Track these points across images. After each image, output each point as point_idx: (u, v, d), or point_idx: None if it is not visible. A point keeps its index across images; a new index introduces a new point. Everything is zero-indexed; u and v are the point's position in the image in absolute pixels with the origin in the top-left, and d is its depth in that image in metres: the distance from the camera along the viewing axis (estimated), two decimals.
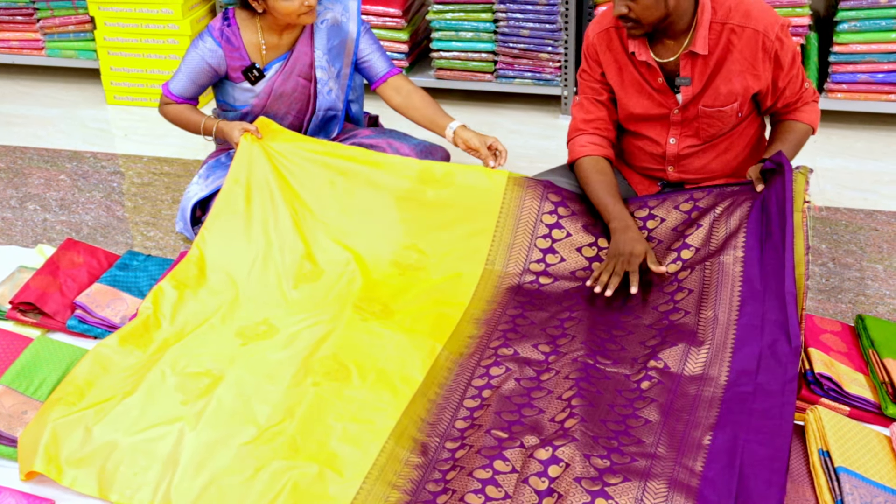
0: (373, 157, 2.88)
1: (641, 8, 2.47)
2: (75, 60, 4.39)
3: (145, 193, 3.55)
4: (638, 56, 2.61)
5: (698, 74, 2.61)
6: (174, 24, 4.10)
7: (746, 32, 2.55)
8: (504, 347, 2.46)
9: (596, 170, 2.71)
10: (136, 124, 4.13)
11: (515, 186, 2.77)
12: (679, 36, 2.59)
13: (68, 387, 2.34)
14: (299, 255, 2.77)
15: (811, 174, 2.53)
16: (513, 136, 3.89)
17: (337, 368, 2.38)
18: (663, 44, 2.61)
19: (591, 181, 2.71)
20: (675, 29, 2.57)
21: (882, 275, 2.93)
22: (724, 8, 2.56)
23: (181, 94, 3.03)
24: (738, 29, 2.55)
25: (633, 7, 2.48)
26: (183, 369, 2.40)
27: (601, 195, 2.68)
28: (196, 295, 2.66)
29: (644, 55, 2.61)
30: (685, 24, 2.56)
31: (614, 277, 2.53)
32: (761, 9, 2.57)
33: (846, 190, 3.40)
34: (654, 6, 2.47)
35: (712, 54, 2.58)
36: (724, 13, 2.56)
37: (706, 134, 2.70)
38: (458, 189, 2.80)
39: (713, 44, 2.57)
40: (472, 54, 3.98)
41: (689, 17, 2.56)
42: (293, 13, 2.85)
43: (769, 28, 2.54)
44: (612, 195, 2.67)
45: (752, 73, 2.59)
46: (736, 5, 2.56)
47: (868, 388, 2.33)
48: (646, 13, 2.48)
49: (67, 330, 2.68)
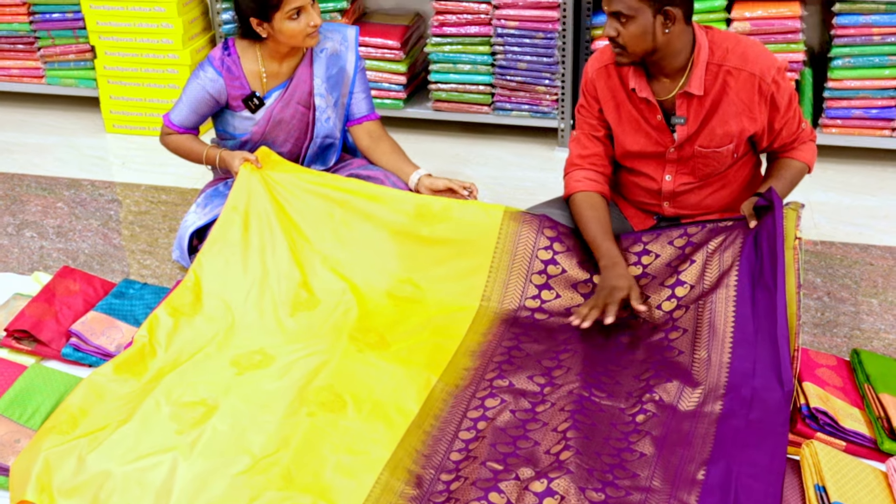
0: (371, 191, 2.89)
1: (629, 35, 2.49)
2: (75, 89, 4.41)
3: (142, 222, 3.56)
4: (638, 92, 2.63)
5: (694, 114, 2.62)
6: (174, 53, 4.13)
7: (743, 75, 2.56)
8: (499, 379, 2.46)
9: (589, 205, 2.72)
10: (134, 153, 4.15)
11: (511, 221, 2.77)
12: (675, 74, 2.60)
13: (62, 415, 2.33)
14: (296, 283, 2.77)
15: (802, 209, 2.54)
16: (510, 168, 3.91)
17: (332, 399, 2.38)
18: (660, 81, 2.63)
19: (583, 217, 2.72)
20: (671, 67, 2.58)
21: (877, 309, 2.94)
22: (721, 49, 2.57)
23: (182, 123, 3.05)
24: (735, 71, 2.56)
25: (621, 32, 2.49)
26: (178, 398, 2.39)
27: (592, 232, 2.69)
28: (191, 322, 2.66)
29: (644, 92, 2.62)
30: (681, 63, 2.58)
31: (593, 311, 2.52)
32: (758, 52, 2.58)
33: (841, 224, 3.42)
34: (640, 37, 2.49)
35: (708, 95, 2.59)
36: (721, 55, 2.57)
37: (702, 172, 2.71)
38: (454, 224, 2.80)
39: (709, 85, 2.59)
40: (469, 86, 4.01)
41: (685, 56, 2.57)
42: (299, 34, 2.87)
43: (766, 71, 2.55)
44: (602, 232, 2.67)
45: (748, 116, 2.60)
46: (733, 47, 2.57)
47: (864, 422, 2.33)
48: (631, 41, 2.50)
49: (62, 358, 2.67)
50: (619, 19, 2.48)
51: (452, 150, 4.06)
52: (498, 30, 3.86)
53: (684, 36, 2.55)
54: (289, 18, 2.84)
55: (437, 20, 3.91)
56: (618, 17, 2.48)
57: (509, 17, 3.83)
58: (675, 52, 2.55)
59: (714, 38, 2.60)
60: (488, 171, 3.89)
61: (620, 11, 2.46)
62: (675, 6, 2.47)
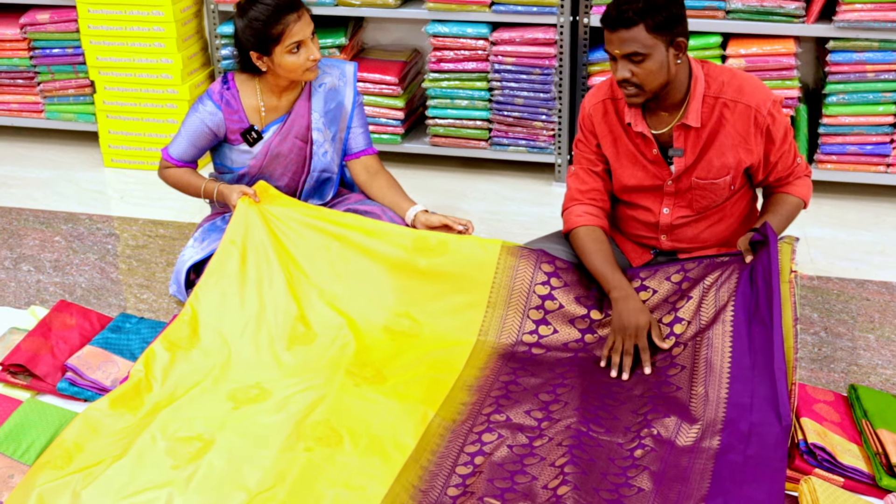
0: (368, 225, 2.89)
1: (645, 73, 2.50)
2: (74, 123, 4.43)
3: (140, 256, 3.56)
4: (634, 127, 2.65)
5: (691, 146, 2.64)
6: (173, 88, 4.15)
7: (739, 107, 2.58)
8: (496, 413, 2.45)
9: (592, 239, 2.73)
10: (132, 187, 4.16)
11: (509, 256, 2.78)
12: (673, 108, 2.63)
13: (57, 450, 2.32)
14: (293, 317, 2.77)
15: (797, 243, 2.55)
16: (507, 203, 3.92)
17: (329, 434, 2.37)
18: (658, 115, 2.65)
19: (587, 251, 2.72)
20: (671, 100, 2.61)
21: (874, 344, 2.93)
22: (718, 82, 2.60)
23: (181, 157, 3.06)
24: (731, 104, 2.59)
25: (636, 72, 2.50)
26: (173, 433, 2.38)
27: (599, 265, 2.69)
28: (188, 356, 2.66)
29: (640, 126, 2.64)
30: (680, 97, 2.60)
31: (626, 357, 2.55)
32: (754, 85, 2.61)
33: (837, 260, 3.42)
34: (656, 72, 2.50)
35: (705, 127, 2.62)
36: (717, 87, 2.60)
37: (699, 205, 2.73)
38: (451, 258, 2.80)
39: (706, 117, 2.61)
40: (467, 122, 4.03)
41: (683, 89, 2.60)
42: (299, 68, 2.90)
43: (761, 104, 2.58)
44: (610, 264, 2.68)
45: (745, 148, 2.62)
46: (729, 80, 2.60)
47: (862, 458, 2.32)
48: (649, 78, 2.51)
49: (57, 392, 2.66)
50: (633, 59, 2.48)
51: (450, 185, 4.08)
52: (495, 66, 3.89)
53: (685, 67, 2.58)
54: (289, 52, 2.87)
55: (434, 56, 3.95)
56: (631, 58, 2.49)
57: (506, 54, 3.86)
58: (681, 83, 2.58)
59: (710, 72, 2.63)
60: (486, 205, 3.91)
61: (636, 51, 2.47)
62: (682, 36, 2.50)
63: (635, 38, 2.46)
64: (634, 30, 2.45)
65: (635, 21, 2.45)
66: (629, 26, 2.45)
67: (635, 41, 2.46)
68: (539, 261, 2.76)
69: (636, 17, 2.45)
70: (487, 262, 2.78)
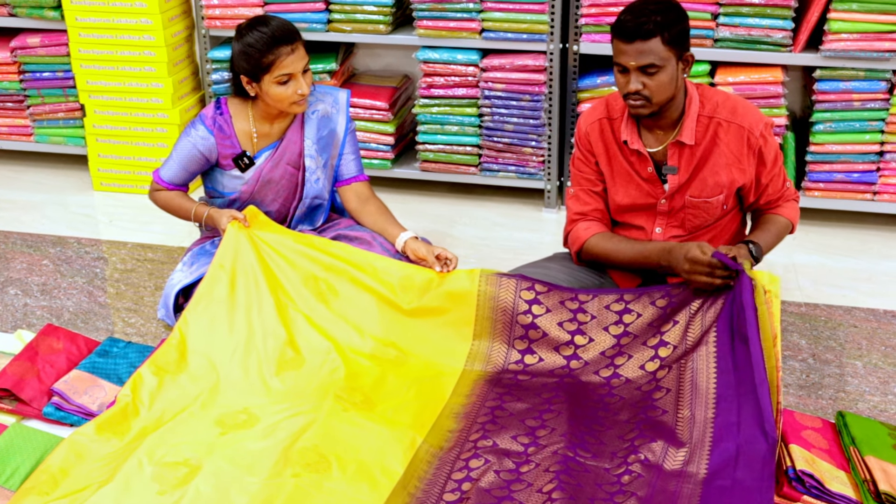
0: (357, 259, 2.88)
1: (656, 85, 2.52)
2: (63, 147, 4.43)
3: (128, 280, 3.55)
4: (630, 144, 2.67)
5: (685, 164, 2.67)
6: (163, 112, 4.16)
7: (733, 127, 2.62)
8: (483, 439, 2.45)
9: (604, 239, 2.75)
10: (121, 211, 4.15)
11: (488, 287, 2.77)
12: (669, 126, 2.66)
13: (42, 476, 2.30)
14: (282, 341, 2.76)
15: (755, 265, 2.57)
16: (497, 229, 3.93)
17: (317, 460, 2.36)
18: (653, 133, 2.68)
19: (609, 251, 2.73)
20: (668, 118, 2.64)
21: (861, 371, 2.94)
22: (712, 103, 2.64)
23: (171, 180, 3.06)
24: (725, 123, 2.63)
25: (648, 84, 2.52)
26: (160, 459, 2.36)
27: (628, 252, 2.70)
28: (176, 380, 2.64)
29: (636, 143, 2.67)
30: (677, 114, 2.64)
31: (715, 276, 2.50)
32: (746, 107, 2.66)
33: (825, 287, 3.44)
34: (668, 84, 2.53)
35: (699, 145, 2.65)
36: (711, 107, 2.64)
37: (691, 224, 2.75)
38: (436, 295, 2.81)
39: (700, 135, 2.64)
40: (457, 147, 4.04)
41: (680, 107, 2.64)
42: (286, 100, 2.91)
43: (754, 125, 2.62)
44: (634, 245, 2.70)
45: (738, 167, 2.65)
46: (723, 101, 2.64)
47: (850, 485, 2.32)
48: (659, 90, 2.53)
49: (43, 417, 2.64)
50: (647, 71, 2.51)
51: (440, 211, 4.08)
52: (485, 92, 3.91)
53: (682, 85, 2.61)
54: (277, 83, 2.88)
55: (424, 82, 3.96)
56: (645, 70, 2.51)
57: (496, 80, 3.88)
58: (678, 101, 2.62)
59: (704, 92, 2.67)
60: (476, 231, 3.91)
61: (652, 63, 2.49)
62: (689, 51, 2.55)
63: (652, 50, 2.48)
64: (652, 41, 2.48)
65: (654, 33, 2.47)
66: (647, 38, 2.48)
67: (652, 53, 2.48)
68: (518, 288, 2.76)
69: (655, 28, 2.47)
70: (469, 295, 2.78)
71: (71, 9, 4.09)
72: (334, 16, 3.98)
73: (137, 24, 4.05)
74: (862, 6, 3.52)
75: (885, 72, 3.60)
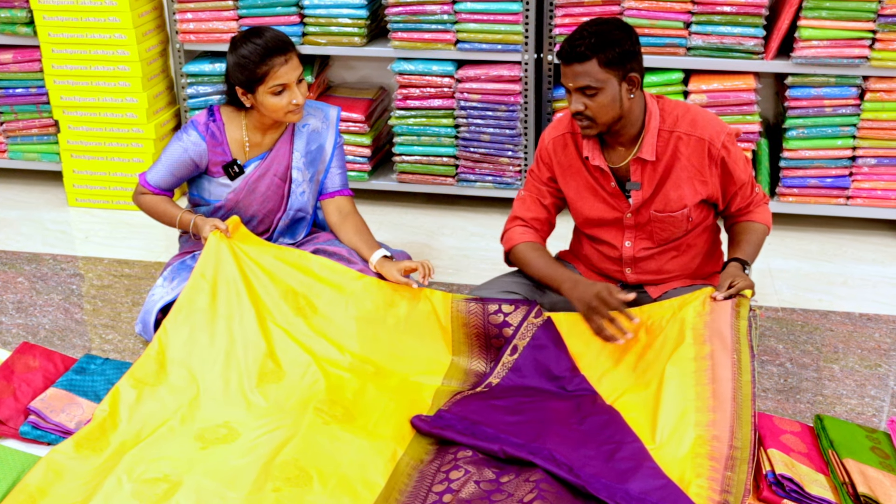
0: (336, 279, 2.90)
1: (598, 106, 2.55)
2: (38, 163, 4.40)
3: (105, 296, 3.53)
4: (591, 160, 2.69)
5: (648, 179, 2.68)
6: (139, 127, 4.14)
7: (693, 140, 2.64)
8: (462, 450, 2.44)
9: (531, 249, 2.81)
10: (97, 226, 4.13)
11: (458, 314, 2.82)
12: (629, 142, 2.67)
13: (19, 496, 2.28)
14: (262, 353, 2.75)
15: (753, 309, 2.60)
16: (474, 239, 3.94)
17: (298, 474, 2.34)
18: (615, 150, 2.69)
19: (530, 262, 2.80)
20: (627, 135, 2.65)
21: (839, 375, 2.96)
22: (672, 117, 2.66)
23: (158, 184, 3.06)
24: (685, 137, 2.64)
25: (590, 105, 2.55)
26: (140, 475, 2.34)
27: (543, 270, 2.76)
28: (155, 392, 2.63)
29: (598, 160, 2.68)
30: (636, 131, 2.65)
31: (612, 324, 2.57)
32: (707, 118, 2.67)
33: (801, 291, 3.46)
34: (609, 106, 2.55)
35: (660, 161, 2.66)
36: (671, 122, 2.65)
37: (659, 237, 2.76)
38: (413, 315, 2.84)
39: (661, 150, 2.65)
40: (433, 158, 4.05)
41: (639, 123, 2.65)
42: (280, 110, 2.91)
43: (715, 136, 2.63)
44: (552, 265, 2.76)
45: (700, 180, 2.67)
46: (683, 114, 2.66)
47: (829, 488, 2.34)
48: (601, 112, 2.55)
49: (20, 436, 2.61)
50: (586, 93, 2.53)
51: (417, 222, 4.09)
52: (461, 103, 3.92)
53: (640, 102, 2.62)
54: (272, 93, 2.89)
55: (400, 93, 3.97)
56: (584, 91, 2.53)
57: (472, 91, 3.89)
58: (635, 118, 2.62)
59: (664, 106, 2.68)
60: (453, 241, 3.92)
61: (589, 85, 2.52)
62: (635, 71, 2.55)
63: (588, 73, 2.51)
64: (587, 64, 2.51)
65: (588, 56, 2.50)
66: (582, 61, 2.51)
67: (588, 75, 2.51)
68: (486, 314, 2.79)
69: (588, 52, 2.50)
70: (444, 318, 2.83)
71: (44, 24, 4.07)
72: (309, 28, 3.98)
73: (111, 40, 4.04)
74: (831, 13, 3.55)
75: (856, 77, 3.64)
